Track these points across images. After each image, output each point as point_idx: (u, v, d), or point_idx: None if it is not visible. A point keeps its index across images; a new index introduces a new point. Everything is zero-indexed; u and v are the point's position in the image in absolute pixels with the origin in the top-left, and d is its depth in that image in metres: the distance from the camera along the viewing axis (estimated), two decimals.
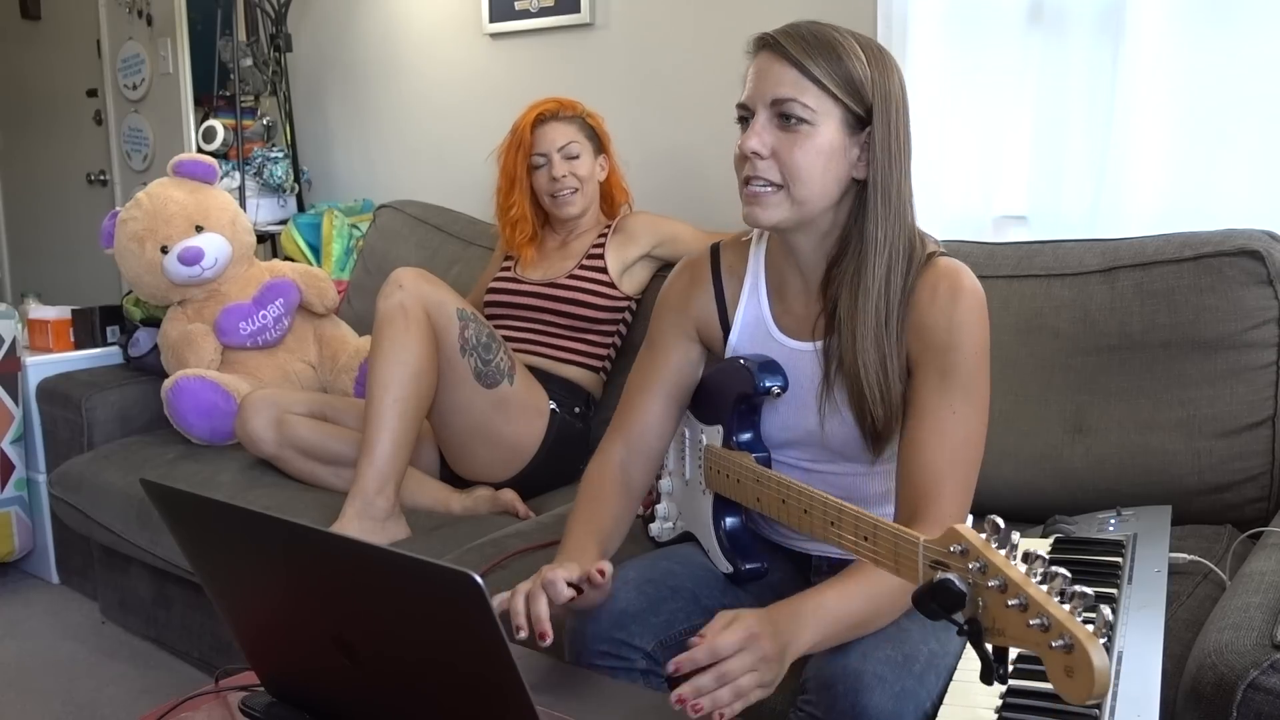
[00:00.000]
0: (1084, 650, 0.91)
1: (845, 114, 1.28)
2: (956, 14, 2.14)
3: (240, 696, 1.14)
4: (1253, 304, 1.67)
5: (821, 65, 1.27)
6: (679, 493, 1.57)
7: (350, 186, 3.49)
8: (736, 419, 1.42)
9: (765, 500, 1.34)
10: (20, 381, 2.85)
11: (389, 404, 1.97)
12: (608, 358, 2.34)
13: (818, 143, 1.27)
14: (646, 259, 2.35)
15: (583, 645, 1.31)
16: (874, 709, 1.14)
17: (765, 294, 1.44)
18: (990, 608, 0.99)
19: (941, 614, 1.02)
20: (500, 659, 0.84)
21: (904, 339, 1.30)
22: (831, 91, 1.27)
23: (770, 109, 1.28)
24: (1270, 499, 1.66)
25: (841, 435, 1.36)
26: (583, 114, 2.35)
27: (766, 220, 1.31)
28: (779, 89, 1.27)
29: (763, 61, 1.31)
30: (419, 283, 2.02)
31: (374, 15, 3.32)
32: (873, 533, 1.15)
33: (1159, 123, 1.95)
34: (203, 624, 2.39)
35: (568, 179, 2.29)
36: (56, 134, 4.61)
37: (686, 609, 1.37)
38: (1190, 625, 1.29)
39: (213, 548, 1.07)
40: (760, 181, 1.29)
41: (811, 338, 1.38)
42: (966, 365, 1.28)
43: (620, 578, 1.36)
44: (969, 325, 1.28)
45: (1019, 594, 0.96)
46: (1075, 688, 0.93)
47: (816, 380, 1.36)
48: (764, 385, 1.37)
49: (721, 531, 1.46)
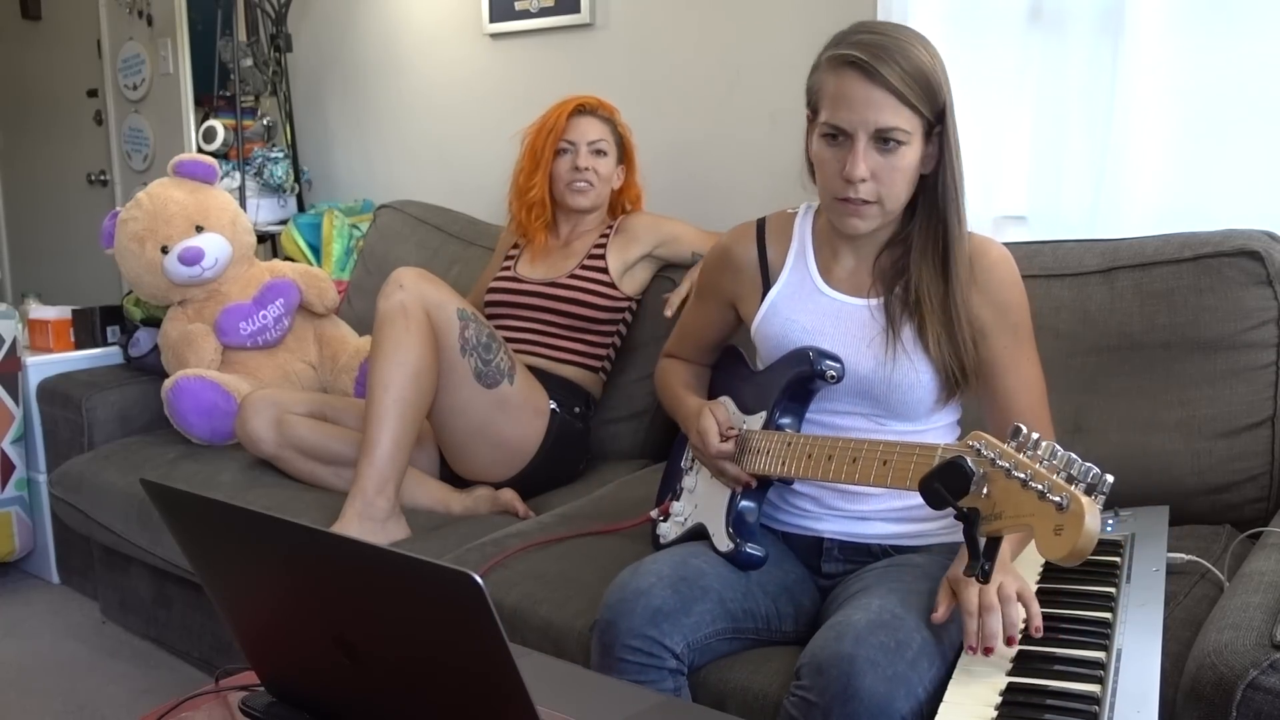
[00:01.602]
0: (1079, 505, 0.95)
1: (925, 124, 1.37)
2: (956, 14, 2.14)
3: (240, 696, 1.14)
4: (1252, 304, 1.67)
5: (909, 82, 1.34)
6: (700, 488, 1.59)
7: (350, 186, 3.49)
8: (784, 402, 1.46)
9: (814, 458, 1.37)
10: (20, 381, 2.85)
11: (389, 404, 1.97)
12: (607, 358, 2.34)
13: (910, 160, 1.38)
14: (648, 259, 2.35)
15: (614, 639, 1.32)
16: (866, 692, 1.16)
17: (813, 258, 1.52)
18: (994, 492, 1.04)
19: (946, 498, 1.05)
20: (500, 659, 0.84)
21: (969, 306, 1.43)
22: (921, 111, 1.35)
23: (871, 137, 1.35)
24: (1269, 499, 1.66)
25: (911, 382, 1.43)
26: (618, 121, 2.38)
27: (866, 229, 1.43)
28: (881, 118, 1.35)
29: (854, 84, 1.35)
30: (419, 283, 2.02)
31: (374, 15, 3.32)
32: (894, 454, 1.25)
33: (1159, 123, 1.95)
34: (203, 624, 2.39)
35: (588, 172, 2.30)
36: (56, 134, 4.61)
37: (714, 612, 1.39)
38: (1188, 624, 1.29)
39: (213, 548, 1.07)
40: (863, 199, 1.38)
41: (866, 295, 1.47)
42: (1025, 321, 1.47)
43: (654, 573, 1.39)
44: (1017, 285, 1.46)
45: (1025, 469, 1.02)
46: (1060, 544, 0.97)
47: (875, 332, 1.45)
48: (821, 367, 1.42)
49: (734, 511, 1.48)
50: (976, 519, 1.05)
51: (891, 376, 1.43)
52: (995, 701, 1.15)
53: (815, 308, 1.49)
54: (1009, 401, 1.45)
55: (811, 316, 1.48)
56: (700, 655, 1.37)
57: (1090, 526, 0.96)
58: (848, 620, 1.25)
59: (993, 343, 1.44)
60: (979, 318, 1.43)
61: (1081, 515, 0.96)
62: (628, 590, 1.36)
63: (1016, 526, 1.03)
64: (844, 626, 1.23)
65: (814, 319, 1.48)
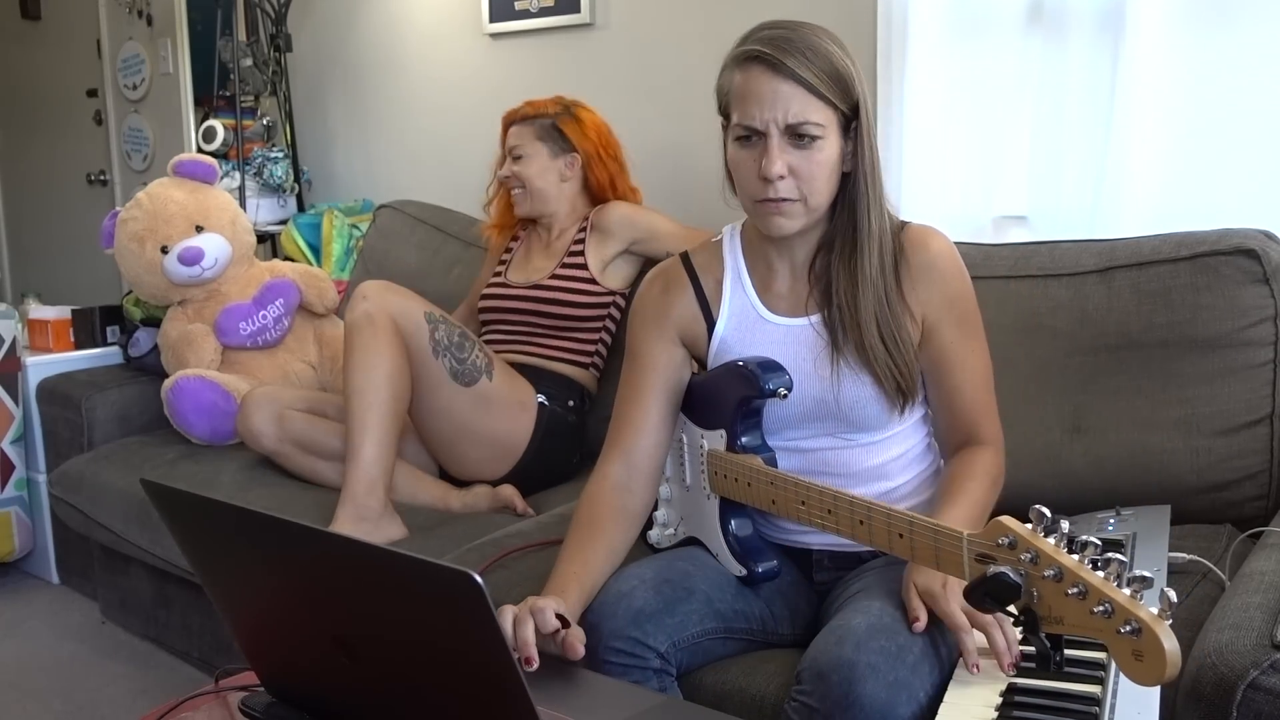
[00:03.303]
0: (1153, 634, 0.92)
1: (840, 118, 1.34)
2: (956, 14, 2.14)
3: (240, 696, 1.14)
4: (1249, 302, 1.67)
5: (821, 75, 1.31)
6: (679, 499, 1.56)
7: (350, 186, 3.49)
8: (740, 421, 1.42)
9: (781, 502, 1.35)
10: (20, 381, 2.85)
11: (365, 408, 1.99)
12: (597, 353, 2.35)
13: (828, 155, 1.34)
14: (627, 254, 2.35)
15: (598, 642, 1.32)
16: (867, 698, 1.15)
17: (750, 283, 1.48)
18: (1046, 597, 0.99)
19: (995, 606, 1.02)
20: (500, 659, 0.84)
21: (907, 305, 1.39)
22: (833, 103, 1.32)
23: (784, 132, 1.32)
24: (1269, 497, 1.66)
25: (859, 396, 1.40)
26: (553, 114, 2.35)
27: (790, 229, 1.38)
28: (791, 110, 1.31)
29: (761, 79, 1.32)
30: (383, 293, 2.06)
31: (374, 15, 3.32)
32: (909, 529, 1.16)
33: (1158, 123, 1.95)
34: (203, 624, 2.39)
35: (510, 179, 2.35)
36: (56, 134, 4.61)
37: (700, 611, 1.37)
38: (1189, 625, 1.29)
39: (213, 548, 1.07)
40: (784, 198, 1.34)
41: (805, 313, 1.43)
42: (969, 306, 1.43)
43: (637, 576, 1.37)
44: (957, 273, 1.42)
45: (1077, 581, 0.96)
46: (1147, 671, 0.93)
47: (819, 350, 1.41)
48: (769, 387, 1.37)
49: (730, 536, 1.45)
50: (1036, 622, 1.02)
51: (839, 394, 1.39)
52: (995, 703, 1.15)
53: (762, 338, 1.45)
54: (956, 397, 1.42)
55: (761, 349, 1.44)
56: (691, 656, 1.36)
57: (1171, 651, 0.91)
58: (848, 625, 1.24)
59: (940, 337, 1.41)
60: (924, 313, 1.40)
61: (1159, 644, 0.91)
62: (609, 593, 1.35)
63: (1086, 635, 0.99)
64: (844, 631, 1.23)
65: (760, 350, 1.44)
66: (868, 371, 1.39)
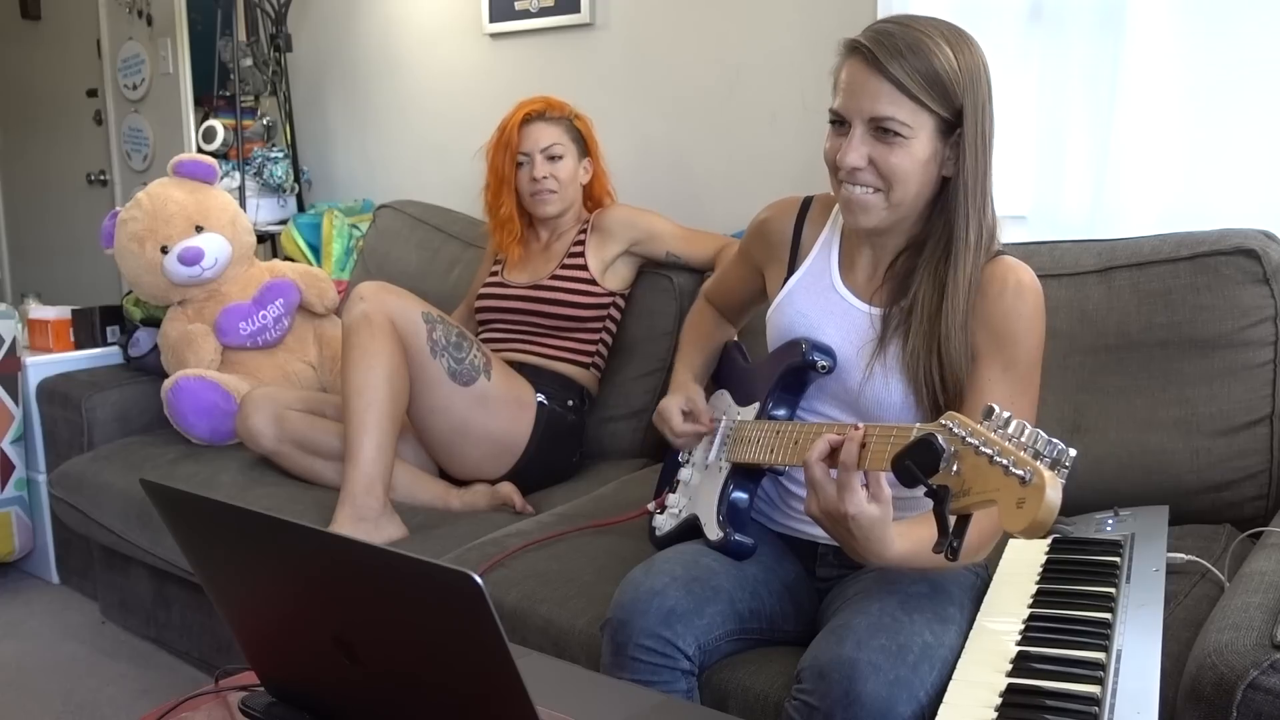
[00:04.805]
0: (1041, 479, 0.96)
1: (938, 121, 1.32)
2: (957, 13, 2.13)
3: (240, 696, 1.14)
4: (1249, 302, 1.67)
5: (915, 77, 1.29)
6: (695, 481, 1.59)
7: (350, 186, 3.49)
8: (777, 392, 1.46)
9: (779, 449, 1.37)
10: (20, 381, 2.85)
11: (364, 408, 1.99)
12: (598, 354, 2.35)
13: (916, 155, 1.32)
14: (627, 255, 2.34)
15: (627, 639, 1.32)
16: (868, 697, 1.16)
17: (837, 252, 1.49)
18: (964, 469, 1.04)
19: (917, 475, 1.05)
20: (500, 659, 0.84)
21: (970, 326, 1.35)
22: (925, 104, 1.30)
23: (867, 124, 1.32)
24: (1269, 497, 1.66)
25: (881, 399, 1.39)
26: (570, 115, 2.35)
27: (866, 224, 1.37)
28: (876, 106, 1.31)
29: (855, 70, 1.33)
30: (380, 294, 2.05)
31: (374, 15, 3.32)
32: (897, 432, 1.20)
33: (1159, 123, 1.95)
34: (203, 624, 2.39)
35: (548, 180, 2.28)
36: (56, 134, 4.61)
37: (724, 613, 1.38)
38: (1188, 625, 1.29)
39: (213, 548, 1.07)
40: (861, 187, 1.34)
41: (870, 302, 1.44)
42: (1026, 359, 1.35)
43: (668, 573, 1.38)
44: (1030, 320, 1.34)
45: (993, 446, 1.02)
46: (1020, 516, 0.97)
47: (866, 341, 1.41)
48: (812, 358, 1.41)
49: (724, 501, 1.48)
50: (946, 496, 1.05)
51: (864, 389, 1.40)
52: (995, 703, 1.15)
53: (824, 304, 1.47)
54: None
55: (818, 313, 1.47)
56: (709, 657, 1.37)
57: (1051, 499, 0.96)
58: (848, 624, 1.24)
59: (980, 368, 1.34)
60: (974, 340, 1.35)
61: (1043, 489, 0.96)
62: (641, 590, 1.35)
63: (982, 502, 1.03)
64: (845, 630, 1.23)
65: (819, 315, 1.47)
66: (901, 378, 1.37)
